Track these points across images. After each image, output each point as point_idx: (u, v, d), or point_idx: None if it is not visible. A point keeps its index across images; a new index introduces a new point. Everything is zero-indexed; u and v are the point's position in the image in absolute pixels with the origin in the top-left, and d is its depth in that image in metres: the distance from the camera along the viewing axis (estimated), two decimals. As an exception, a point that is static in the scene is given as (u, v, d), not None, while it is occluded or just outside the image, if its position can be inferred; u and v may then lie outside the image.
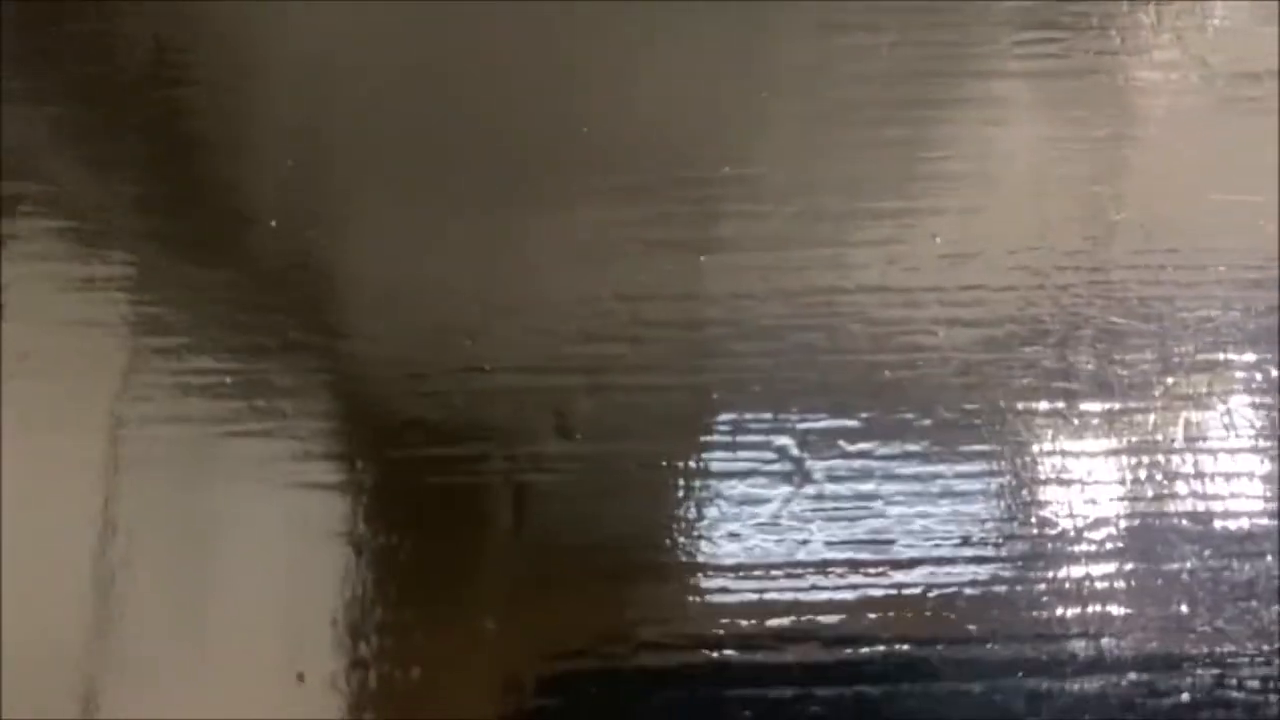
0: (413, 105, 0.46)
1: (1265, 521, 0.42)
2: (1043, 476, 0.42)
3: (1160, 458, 0.42)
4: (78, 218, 0.44)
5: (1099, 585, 0.41)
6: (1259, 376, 0.43)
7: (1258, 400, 0.43)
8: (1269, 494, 0.42)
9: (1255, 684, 0.40)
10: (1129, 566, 0.41)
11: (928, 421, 0.42)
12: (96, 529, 0.41)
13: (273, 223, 0.44)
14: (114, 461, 0.42)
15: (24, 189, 0.45)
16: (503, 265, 0.44)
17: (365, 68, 0.46)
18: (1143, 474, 0.42)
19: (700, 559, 0.41)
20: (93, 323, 0.43)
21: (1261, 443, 0.42)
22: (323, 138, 0.45)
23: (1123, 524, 0.41)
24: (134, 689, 0.40)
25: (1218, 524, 0.41)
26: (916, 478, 0.42)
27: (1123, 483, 0.42)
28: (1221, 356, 0.43)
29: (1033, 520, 0.41)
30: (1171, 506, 0.42)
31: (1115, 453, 0.42)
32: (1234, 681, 0.40)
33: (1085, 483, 0.42)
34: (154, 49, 0.47)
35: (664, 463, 0.42)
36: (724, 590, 0.41)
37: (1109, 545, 0.41)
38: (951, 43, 0.47)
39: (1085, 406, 0.42)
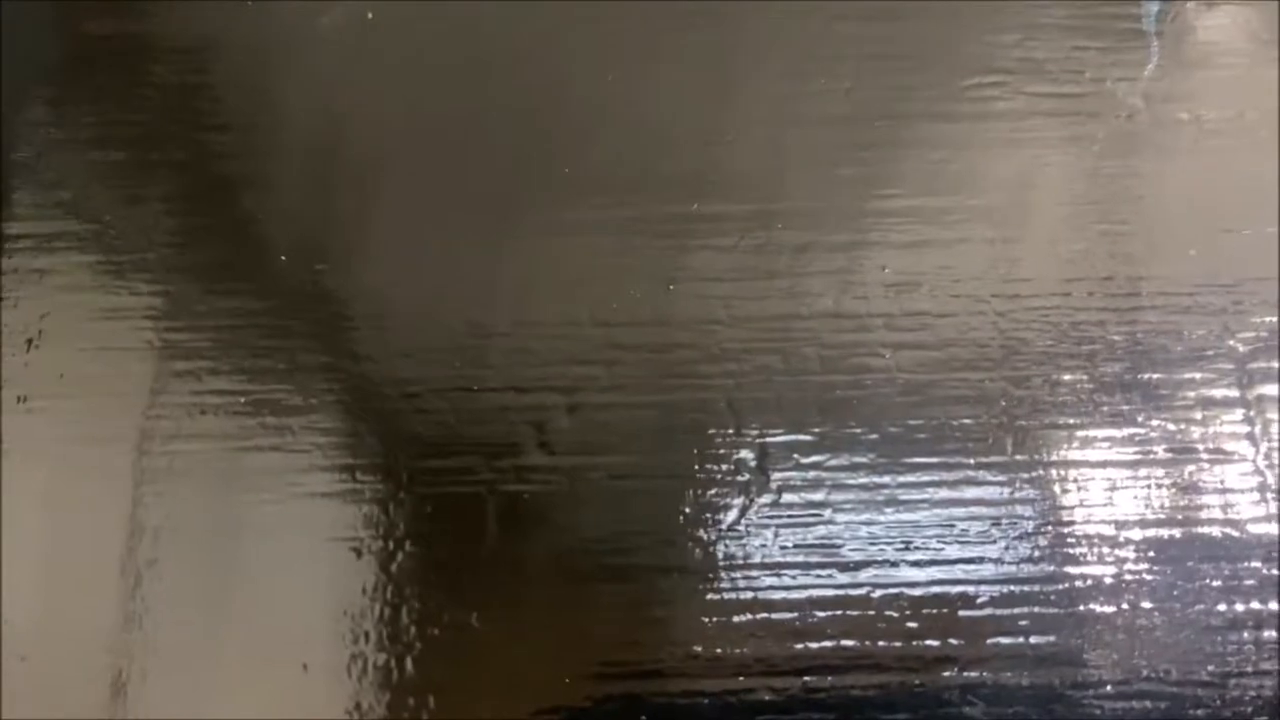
0: (409, 151, 0.50)
1: (1201, 530, 0.45)
2: (979, 486, 0.45)
3: (1092, 473, 0.46)
4: (107, 253, 0.49)
5: (1029, 589, 0.44)
6: (1190, 395, 0.47)
7: (1196, 415, 0.46)
8: (1192, 507, 0.45)
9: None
10: (1059, 572, 0.45)
11: (874, 436, 0.46)
12: (125, 534, 0.46)
13: (283, 256, 0.48)
14: (140, 473, 0.46)
15: (61, 227, 0.49)
16: (489, 293, 0.48)
17: (365, 115, 0.50)
18: (1074, 489, 0.45)
19: (666, 562, 0.45)
20: (120, 348, 0.47)
21: (1191, 457, 0.46)
22: (328, 178, 0.50)
23: (1054, 534, 0.45)
24: (158, 677, 0.44)
25: (1144, 532, 0.45)
26: (863, 488, 0.45)
27: (1056, 497, 0.45)
28: (1149, 376, 0.47)
29: (970, 528, 0.45)
30: (1102, 518, 0.45)
31: (1050, 466, 0.46)
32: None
33: (1021, 492, 0.45)
34: (179, 97, 0.51)
35: (634, 475, 0.46)
36: (686, 590, 0.44)
37: (1041, 552, 0.45)
38: (904, 87, 0.51)
39: (1021, 424, 0.46)
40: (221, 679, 0.44)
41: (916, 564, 0.44)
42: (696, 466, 0.46)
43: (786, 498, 0.45)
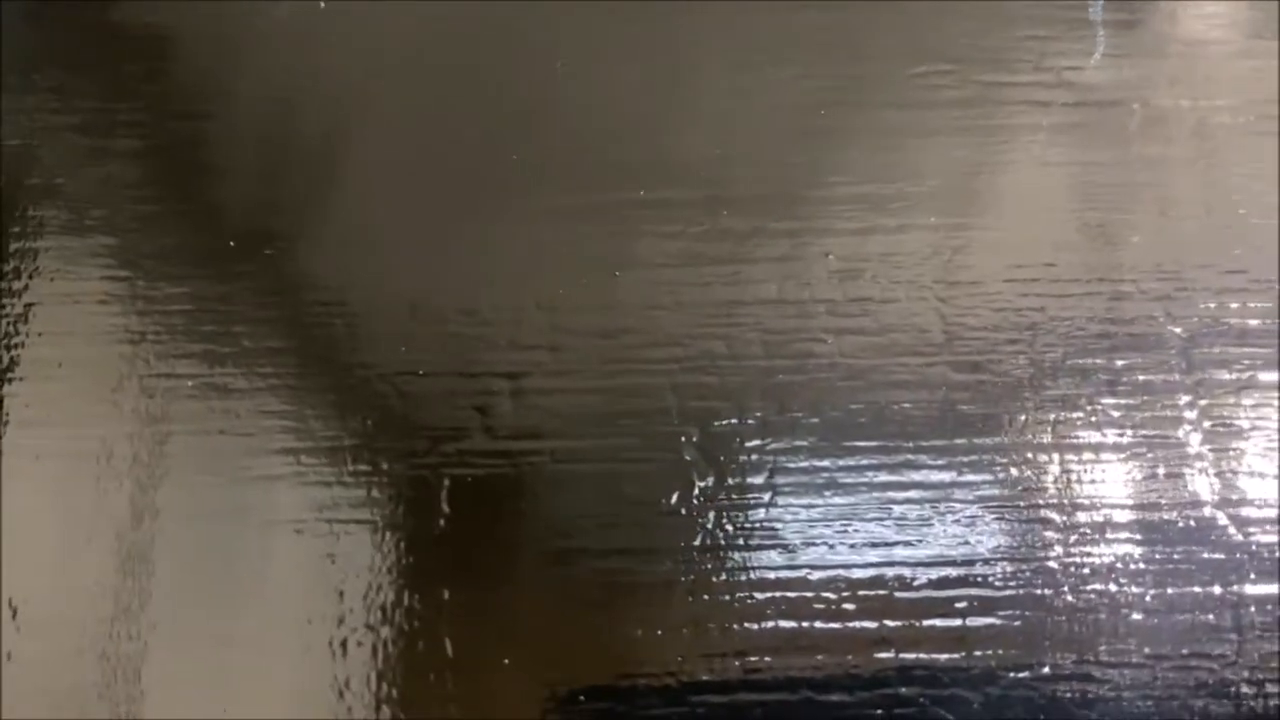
0: (359, 140, 0.50)
1: (1140, 515, 0.45)
2: (918, 470, 0.46)
3: (1031, 457, 0.46)
4: (60, 239, 0.49)
5: (966, 572, 0.44)
6: (1131, 380, 0.47)
7: (1135, 400, 0.47)
8: (1129, 490, 0.46)
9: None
10: (996, 555, 0.45)
11: (816, 420, 0.46)
12: (74, 516, 0.46)
13: (232, 242, 0.49)
14: (92, 458, 0.46)
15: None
16: (436, 278, 0.48)
17: (317, 104, 0.51)
18: (1013, 471, 0.46)
19: (609, 545, 0.45)
20: (72, 333, 0.48)
21: (1123, 440, 0.46)
22: (278, 165, 0.50)
23: (992, 517, 0.45)
24: (109, 656, 0.44)
25: (1081, 516, 0.45)
26: (804, 471, 0.46)
27: (995, 481, 0.46)
28: (1090, 361, 0.47)
29: (909, 511, 0.45)
30: (1041, 502, 0.45)
31: (989, 450, 0.46)
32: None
33: (958, 476, 0.46)
34: (136, 85, 0.52)
35: (578, 459, 0.46)
36: (629, 571, 0.45)
37: (979, 536, 0.45)
38: (853, 75, 0.51)
39: (961, 408, 0.46)
40: (168, 659, 0.45)
41: (854, 546, 0.45)
42: (640, 450, 0.46)
43: (729, 481, 0.46)
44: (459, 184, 0.49)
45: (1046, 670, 0.44)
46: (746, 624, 0.44)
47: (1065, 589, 0.44)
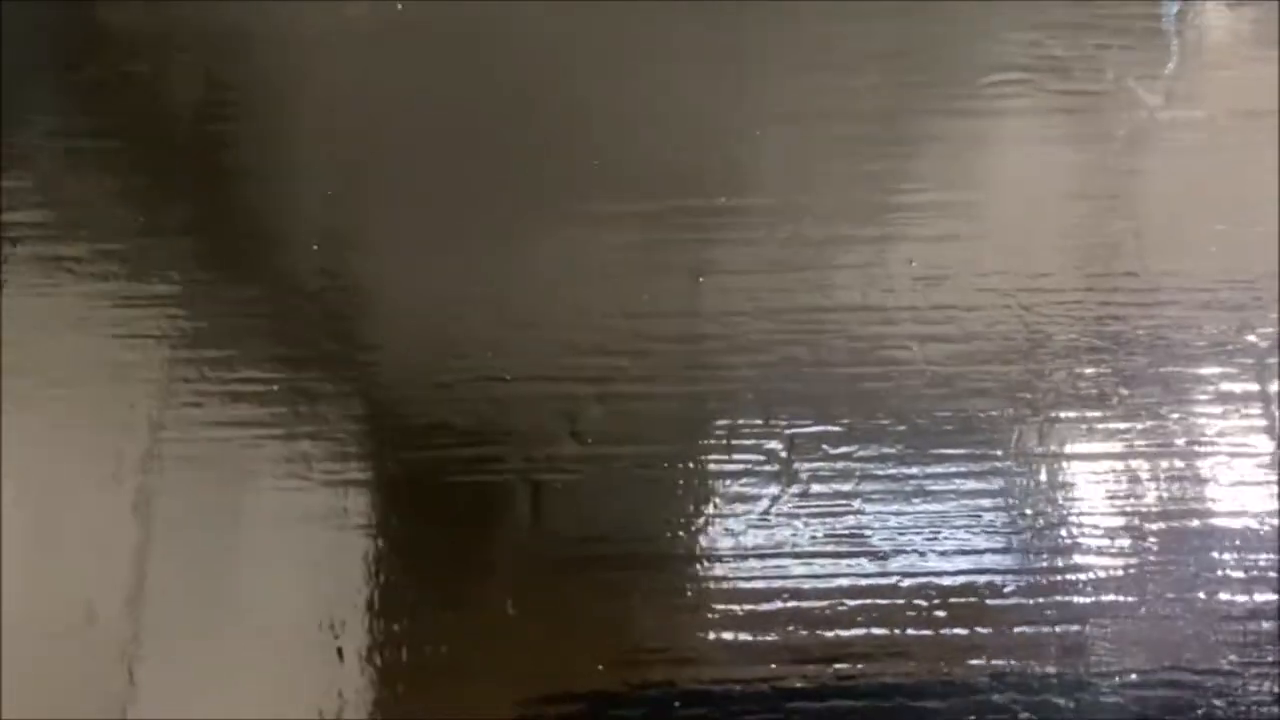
0: (438, 139, 0.50)
1: (1220, 522, 0.46)
2: (1006, 478, 0.46)
3: (1115, 465, 0.46)
4: (119, 242, 0.49)
5: (1055, 579, 0.45)
6: (1210, 389, 0.47)
7: (1216, 410, 0.47)
8: (1213, 496, 0.46)
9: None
10: (1084, 562, 0.45)
11: (902, 428, 0.46)
12: (132, 519, 0.45)
13: (314, 245, 0.48)
14: (152, 460, 0.46)
15: (75, 216, 0.49)
16: (520, 285, 0.48)
17: (393, 105, 0.51)
18: (1097, 480, 0.46)
19: (696, 550, 0.45)
20: (132, 335, 0.47)
21: (1210, 449, 0.47)
22: (355, 168, 0.50)
23: (1078, 524, 0.46)
24: (167, 657, 0.44)
25: (1171, 524, 0.46)
26: (892, 478, 0.46)
27: (1080, 488, 0.46)
28: (1172, 370, 0.47)
29: (997, 518, 0.45)
30: (1123, 509, 0.46)
31: (1074, 458, 0.46)
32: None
33: (1046, 483, 0.46)
34: (203, 88, 0.52)
35: (664, 464, 0.46)
36: (718, 578, 0.45)
37: (1066, 543, 0.45)
38: (926, 84, 0.51)
39: (1046, 415, 0.47)
40: (228, 660, 0.44)
41: (944, 554, 0.45)
42: (726, 456, 0.46)
43: (815, 488, 0.46)
44: (543, 191, 0.49)
45: (1134, 678, 0.44)
46: (839, 631, 0.44)
47: (1151, 596, 0.45)
